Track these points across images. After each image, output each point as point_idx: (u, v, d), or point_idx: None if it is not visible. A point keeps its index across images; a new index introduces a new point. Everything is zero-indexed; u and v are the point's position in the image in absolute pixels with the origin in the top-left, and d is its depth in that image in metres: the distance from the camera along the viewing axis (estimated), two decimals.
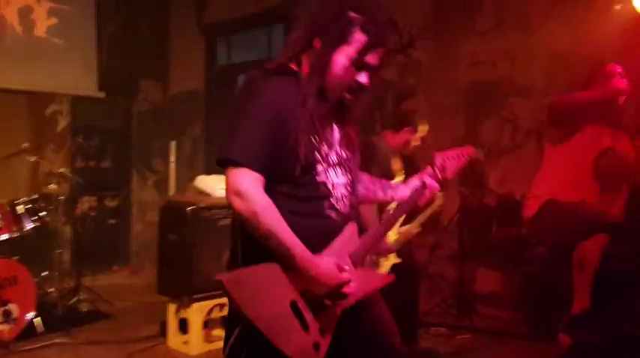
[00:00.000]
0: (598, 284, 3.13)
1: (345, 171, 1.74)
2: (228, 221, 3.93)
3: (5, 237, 4.07)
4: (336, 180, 1.70)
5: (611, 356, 3.24)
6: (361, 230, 1.80)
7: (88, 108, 6.09)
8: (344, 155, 1.74)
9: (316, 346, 1.59)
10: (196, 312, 3.78)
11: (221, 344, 3.87)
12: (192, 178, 4.51)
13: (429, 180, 1.92)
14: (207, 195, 4.06)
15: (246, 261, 1.61)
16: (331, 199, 1.68)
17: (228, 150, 1.57)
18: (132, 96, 6.52)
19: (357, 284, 1.63)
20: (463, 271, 4.46)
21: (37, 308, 4.03)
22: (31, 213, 4.27)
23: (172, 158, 5.60)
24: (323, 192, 1.67)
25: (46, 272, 4.61)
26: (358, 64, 1.63)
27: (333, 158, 1.70)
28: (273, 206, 1.56)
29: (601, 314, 3.20)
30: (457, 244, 4.55)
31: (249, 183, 1.54)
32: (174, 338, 3.90)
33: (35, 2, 5.67)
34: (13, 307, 3.91)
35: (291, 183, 1.62)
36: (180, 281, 3.80)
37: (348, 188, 1.75)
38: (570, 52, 4.10)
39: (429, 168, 1.97)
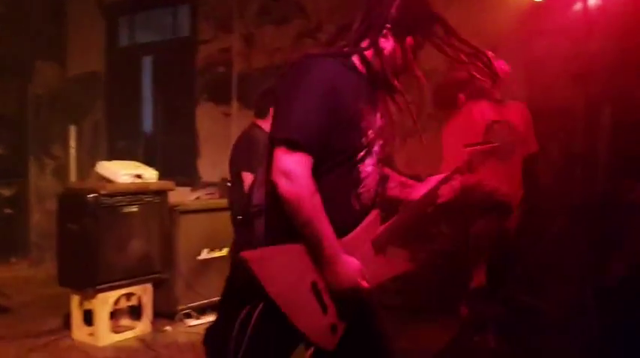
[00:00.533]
0: (493, 260, 3.34)
1: (378, 162, 1.71)
2: (133, 208, 3.85)
3: None
4: (369, 169, 1.67)
5: (508, 325, 3.47)
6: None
7: None
8: (381, 145, 1.72)
9: (333, 328, 1.60)
10: (101, 303, 3.68)
11: (129, 334, 3.81)
12: (93, 164, 4.32)
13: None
14: (110, 181, 3.92)
15: (269, 240, 1.59)
16: (360, 189, 1.65)
17: (283, 129, 1.53)
18: (26, 78, 6.11)
19: (373, 272, 1.65)
20: None
21: None
22: None
23: (72, 143, 5.36)
24: (355, 180, 1.64)
25: None
26: (407, 49, 1.65)
27: (375, 147, 1.68)
28: (318, 194, 1.52)
29: (497, 287, 3.42)
30: None
31: (301, 166, 1.50)
32: (78, 331, 3.77)
33: None
34: None
35: (330, 165, 1.58)
36: (82, 272, 3.67)
37: (377, 180, 1.72)
38: (468, 37, 4.28)
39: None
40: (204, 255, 4.15)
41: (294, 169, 1.49)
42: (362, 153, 1.63)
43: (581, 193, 3.81)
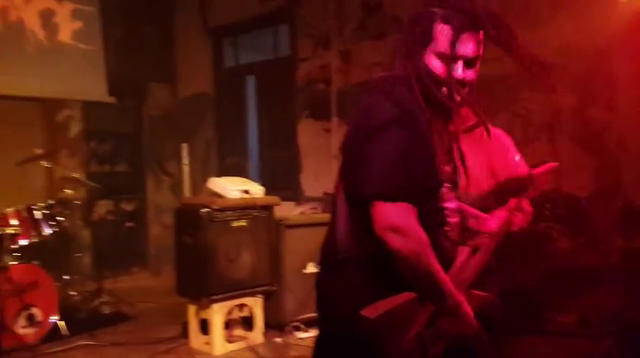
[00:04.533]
0: None
1: (457, 196, 1.60)
2: (242, 222, 4.00)
3: (24, 242, 4.16)
4: (452, 206, 1.58)
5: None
6: None
7: (100, 113, 6.20)
8: (458, 173, 1.60)
9: None
10: (216, 313, 3.86)
11: (242, 344, 3.94)
12: (205, 180, 4.57)
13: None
14: (221, 196, 4.09)
15: (369, 291, 1.50)
16: (446, 227, 1.57)
17: (373, 183, 1.42)
18: (142, 100, 6.60)
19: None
20: None
21: (60, 311, 4.13)
22: (48, 218, 4.35)
23: (185, 160, 5.67)
24: (441, 220, 1.55)
25: (67, 276, 4.70)
26: (451, 58, 1.49)
27: (452, 178, 1.59)
28: (430, 243, 1.44)
29: None
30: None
31: (410, 219, 1.41)
32: (196, 339, 3.99)
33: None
34: (36, 311, 4.02)
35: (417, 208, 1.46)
36: (197, 283, 3.87)
37: (459, 212, 1.61)
38: (578, 45, 4.12)
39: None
40: (310, 268, 4.27)
41: (401, 223, 1.40)
42: (443, 190, 1.55)
43: None
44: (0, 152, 5.05)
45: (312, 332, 4.11)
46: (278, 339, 4.07)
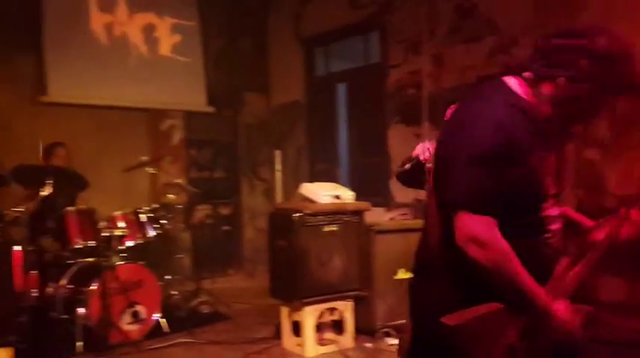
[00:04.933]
0: None
1: (558, 201, 1.62)
2: (333, 227, 4.05)
3: (131, 243, 4.43)
4: (554, 214, 1.60)
5: None
6: None
7: (200, 122, 6.50)
8: (559, 185, 1.63)
9: None
10: (308, 315, 3.92)
11: (333, 348, 3.98)
12: (296, 185, 4.66)
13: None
14: (312, 201, 4.17)
15: (455, 300, 1.53)
16: (547, 235, 1.58)
17: (463, 193, 1.47)
18: (238, 109, 6.87)
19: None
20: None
21: (162, 309, 4.36)
22: (152, 221, 4.61)
23: (278, 166, 5.82)
24: (542, 229, 1.57)
25: (169, 276, 4.96)
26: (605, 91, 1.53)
27: (554, 189, 1.60)
28: (514, 253, 1.46)
29: None
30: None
31: (491, 231, 1.45)
32: (288, 341, 4.08)
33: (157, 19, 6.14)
34: (140, 308, 4.26)
35: (517, 221, 1.51)
36: (290, 285, 3.95)
37: (560, 220, 1.64)
38: None
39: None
40: (401, 275, 4.24)
41: (483, 234, 1.44)
42: (545, 202, 1.55)
43: None
44: (110, 159, 5.44)
45: None
46: (368, 344, 4.06)
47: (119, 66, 5.87)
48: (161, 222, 4.71)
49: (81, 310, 4.02)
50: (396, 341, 4.05)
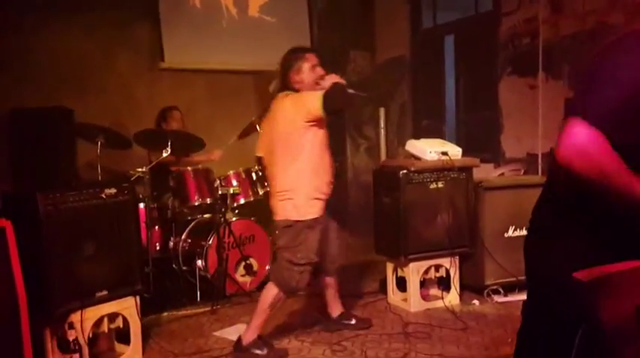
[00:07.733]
0: None
1: None
2: (439, 184, 3.98)
3: (243, 201, 4.63)
4: None
5: None
6: None
7: None
8: None
9: None
10: (413, 272, 3.93)
11: (437, 303, 3.95)
12: (400, 143, 4.60)
13: None
14: (418, 158, 4.10)
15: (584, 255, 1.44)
16: None
17: (591, 105, 1.38)
18: (343, 67, 6.85)
19: None
20: None
21: (271, 262, 4.55)
22: (262, 179, 4.78)
23: (382, 124, 5.78)
24: None
25: (277, 232, 5.13)
26: None
27: None
28: (624, 164, 1.36)
29: None
30: None
31: (599, 142, 1.34)
32: (393, 295, 4.13)
33: None
34: (253, 261, 4.50)
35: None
36: (395, 242, 3.95)
37: None
38: None
39: None
40: (511, 232, 4.10)
41: (590, 147, 1.33)
42: None
43: None
44: (222, 121, 5.68)
45: (511, 297, 3.98)
46: (475, 301, 4.02)
47: (230, 30, 6.07)
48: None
49: (199, 262, 4.32)
50: (504, 299, 3.97)
